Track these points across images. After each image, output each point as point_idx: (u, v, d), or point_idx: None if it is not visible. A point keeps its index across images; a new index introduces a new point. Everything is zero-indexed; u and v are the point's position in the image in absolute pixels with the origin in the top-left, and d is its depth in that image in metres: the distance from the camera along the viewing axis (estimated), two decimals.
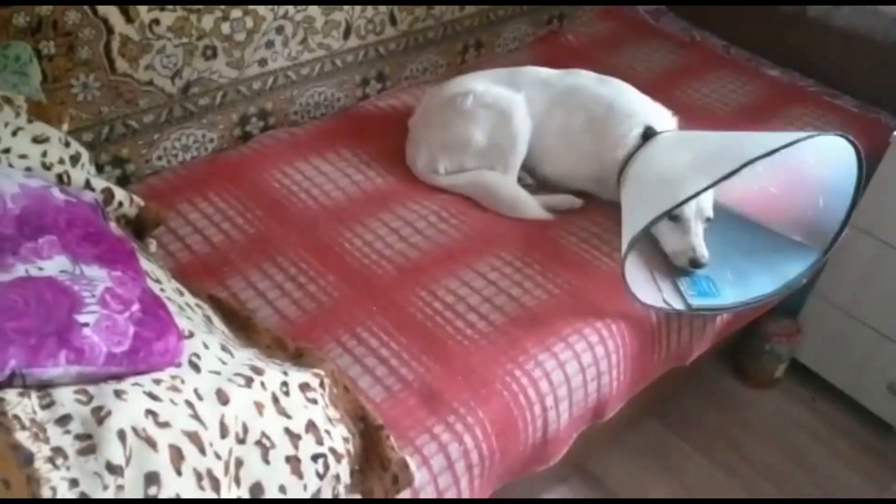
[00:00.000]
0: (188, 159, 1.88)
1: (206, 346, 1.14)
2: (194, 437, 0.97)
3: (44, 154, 1.31)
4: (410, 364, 1.38)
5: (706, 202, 1.64)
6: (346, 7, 1.96)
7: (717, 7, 2.57)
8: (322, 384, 1.21)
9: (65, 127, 1.46)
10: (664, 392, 2.00)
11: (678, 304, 1.54)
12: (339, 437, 1.15)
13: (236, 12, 1.76)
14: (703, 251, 1.61)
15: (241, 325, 1.40)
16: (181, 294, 1.32)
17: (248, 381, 1.10)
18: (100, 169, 1.73)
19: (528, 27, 2.47)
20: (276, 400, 1.10)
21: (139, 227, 1.52)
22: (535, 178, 1.88)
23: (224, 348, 1.17)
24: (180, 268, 1.55)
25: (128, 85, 1.68)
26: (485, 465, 1.32)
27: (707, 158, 1.54)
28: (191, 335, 1.14)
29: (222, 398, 1.04)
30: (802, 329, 2.10)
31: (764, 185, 1.80)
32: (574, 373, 1.45)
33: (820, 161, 1.65)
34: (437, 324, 1.47)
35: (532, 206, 1.75)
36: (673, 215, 1.59)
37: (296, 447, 1.08)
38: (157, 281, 1.28)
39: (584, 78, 1.91)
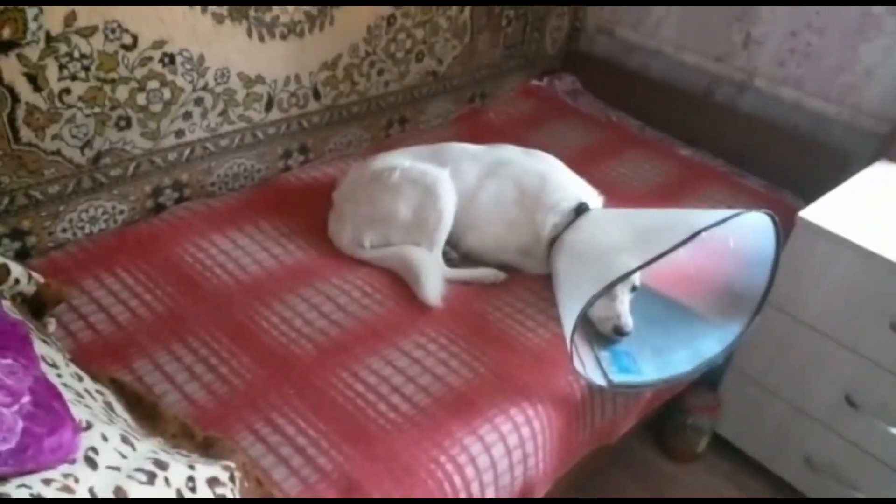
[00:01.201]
0: (96, 232, 1.78)
1: (104, 439, 1.05)
2: None
3: None
4: (329, 453, 1.31)
5: (634, 274, 1.66)
6: (268, 80, 1.94)
7: (631, 88, 2.69)
8: (232, 478, 1.13)
9: None
10: (591, 469, 1.97)
11: (599, 380, 1.54)
12: None
13: (153, 83, 1.71)
14: (627, 319, 1.62)
15: (145, 412, 1.31)
16: (80, 379, 1.22)
17: (151, 478, 1.02)
18: None
19: (451, 105, 2.52)
20: (181, 497, 1.02)
21: (38, 306, 1.41)
22: (458, 252, 1.87)
23: (125, 440, 1.08)
24: (82, 349, 1.45)
25: (32, 155, 1.59)
26: None
27: (647, 232, 1.58)
28: (88, 426, 1.05)
29: (121, 497, 0.95)
30: (722, 402, 2.13)
31: (681, 265, 1.85)
32: (500, 456, 1.40)
33: (738, 240, 1.71)
34: (359, 407, 1.41)
35: (432, 291, 1.69)
36: None
37: None
38: (54, 365, 1.19)
39: (512, 151, 1.95)
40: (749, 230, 1.66)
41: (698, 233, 1.42)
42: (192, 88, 1.79)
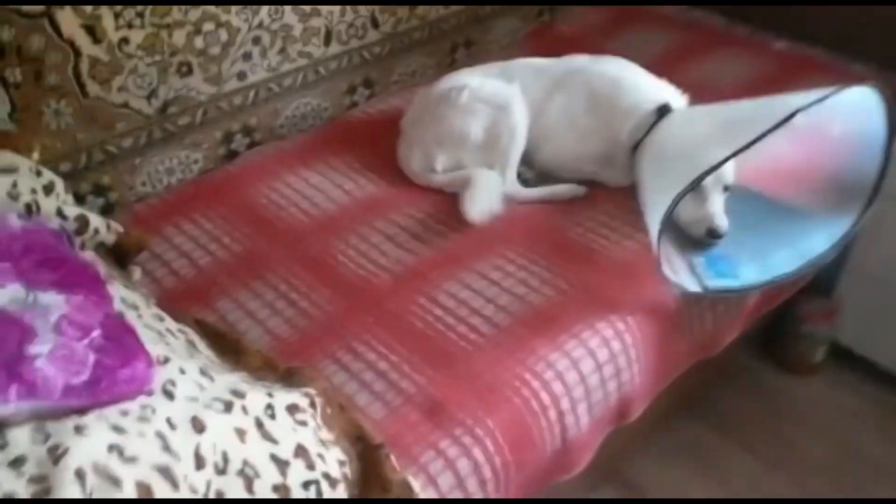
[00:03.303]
0: (174, 183, 1.81)
1: (182, 372, 1.06)
2: (165, 472, 0.88)
3: (13, 185, 1.24)
4: (411, 376, 1.28)
5: (725, 169, 1.53)
6: (324, 12, 1.88)
7: None
8: (313, 404, 1.12)
9: (35, 156, 1.39)
10: (697, 387, 1.88)
11: (693, 286, 1.42)
12: (334, 460, 1.06)
13: (209, 25, 1.70)
14: (721, 220, 1.50)
15: (229, 348, 1.32)
16: (161, 320, 1.24)
17: (228, 406, 1.02)
18: (81, 199, 1.66)
19: (519, 21, 2.38)
20: (259, 424, 1.02)
21: (120, 255, 1.45)
22: (534, 170, 1.78)
23: (204, 373, 1.09)
24: (166, 294, 1.47)
25: (102, 109, 1.62)
26: (500, 480, 1.20)
27: (736, 123, 1.44)
28: (166, 360, 1.06)
29: (198, 426, 0.96)
30: (840, 307, 1.96)
31: (779, 158, 1.69)
32: (590, 372, 1.33)
33: (843, 125, 1.54)
34: (438, 331, 1.37)
35: (475, 205, 1.59)
36: None
37: (284, 475, 0.99)
38: (135, 307, 1.21)
39: (581, 60, 1.83)
40: (855, 111, 1.48)
41: (793, 114, 1.27)
42: (247, 27, 1.76)
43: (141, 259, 1.53)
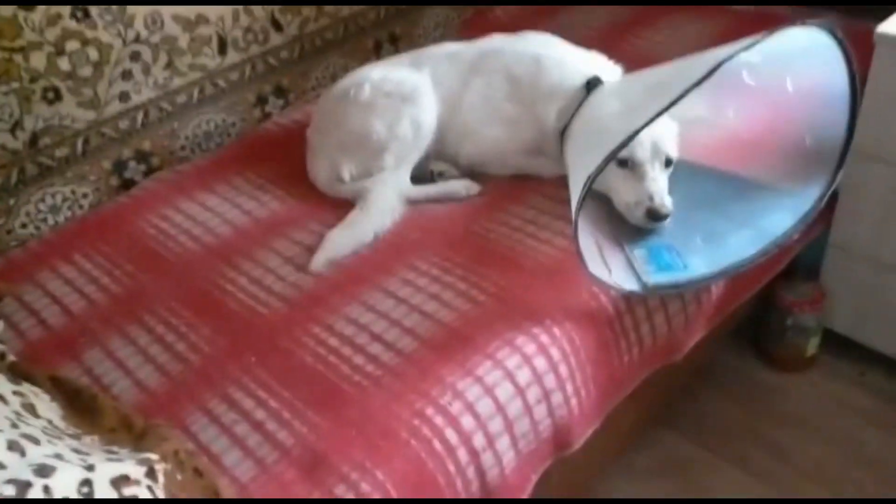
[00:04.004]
0: (62, 221, 1.62)
1: None
2: None
3: None
4: (292, 424, 1.07)
5: (664, 141, 1.33)
6: (213, 18, 1.69)
7: None
8: (151, 472, 0.92)
9: None
10: (673, 394, 1.66)
11: (631, 285, 1.20)
12: None
13: (72, 44, 1.51)
14: (663, 198, 1.29)
15: (84, 407, 1.14)
16: None
17: (24, 487, 0.82)
18: None
19: (451, 10, 2.18)
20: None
21: None
22: (459, 169, 1.58)
23: (13, 446, 0.90)
24: (31, 347, 1.31)
25: None
26: None
27: (658, 86, 1.23)
28: None
29: None
30: (827, 292, 1.72)
31: (730, 129, 1.47)
32: (509, 398, 1.11)
33: (798, 80, 1.33)
34: (331, 365, 1.16)
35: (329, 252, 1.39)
36: (622, 160, 1.31)
37: None
38: None
39: (497, 40, 1.62)
40: (809, 63, 1.27)
41: (719, 65, 1.05)
42: (121, 43, 1.58)
43: (9, 310, 1.36)
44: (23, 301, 1.39)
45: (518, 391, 1.12)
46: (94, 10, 1.52)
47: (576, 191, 1.16)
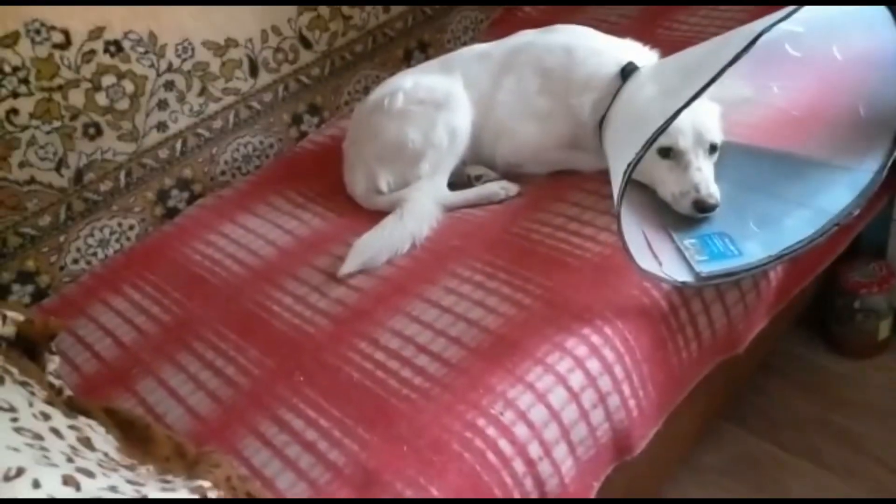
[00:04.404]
0: (111, 254, 1.65)
1: (36, 486, 0.88)
2: None
3: None
4: (343, 443, 1.06)
5: (707, 126, 1.28)
6: (241, 41, 1.71)
7: None
8: (204, 500, 0.92)
9: None
10: (737, 389, 1.58)
11: (683, 276, 1.15)
12: None
13: (108, 79, 1.54)
14: (709, 188, 1.24)
15: (139, 437, 1.15)
16: (47, 418, 1.08)
17: None
18: (6, 290, 1.53)
19: (478, 11, 2.15)
20: None
21: (29, 346, 1.29)
22: (497, 170, 1.55)
23: (69, 481, 0.91)
24: (86, 381, 1.34)
25: (5, 190, 1.48)
26: None
27: (694, 67, 1.17)
28: (18, 473, 0.88)
29: None
30: None
31: (780, 106, 1.40)
32: (563, 403, 1.07)
33: (846, 47, 1.25)
34: (378, 380, 1.14)
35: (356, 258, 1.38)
36: (664, 149, 1.26)
37: None
38: (12, 409, 1.04)
39: (527, 35, 1.59)
40: (856, 28, 1.20)
41: (756, 38, 0.99)
42: (155, 73, 1.60)
43: (65, 345, 1.39)
44: (77, 335, 1.42)
45: (572, 396, 1.08)
46: (126, 43, 1.55)
47: (617, 183, 1.12)
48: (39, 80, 1.45)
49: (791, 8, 1.02)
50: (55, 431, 1.05)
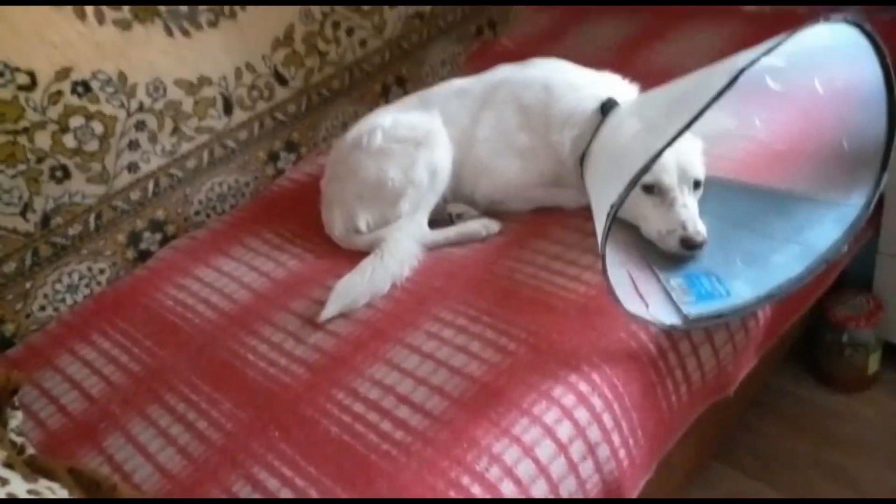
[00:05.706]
0: (81, 300, 1.59)
1: None
2: None
3: None
4: None
5: (691, 161, 1.25)
6: (215, 79, 1.67)
7: None
8: None
9: None
10: (727, 427, 1.55)
11: (671, 318, 1.12)
12: None
13: (76, 120, 1.49)
14: (696, 225, 1.21)
15: (105, 499, 1.09)
16: (4, 483, 1.01)
17: None
18: None
19: (456, 44, 2.14)
20: None
21: None
22: (478, 208, 1.51)
23: None
24: (51, 437, 1.28)
25: None
26: None
27: (677, 103, 1.15)
28: None
29: None
30: (883, 302, 1.61)
31: (763, 140, 1.39)
32: (550, 457, 1.03)
33: (828, 80, 1.24)
34: (357, 434, 1.09)
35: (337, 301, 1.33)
36: (647, 186, 1.23)
37: None
38: None
39: (503, 70, 1.57)
40: (839, 60, 1.18)
41: (739, 74, 0.97)
42: (125, 114, 1.56)
43: (29, 398, 1.33)
44: (42, 388, 1.36)
45: (560, 448, 1.04)
46: (94, 83, 1.50)
47: (600, 223, 1.09)
48: (3, 122, 1.41)
49: (773, 41, 1.01)
50: (13, 497, 1.00)
